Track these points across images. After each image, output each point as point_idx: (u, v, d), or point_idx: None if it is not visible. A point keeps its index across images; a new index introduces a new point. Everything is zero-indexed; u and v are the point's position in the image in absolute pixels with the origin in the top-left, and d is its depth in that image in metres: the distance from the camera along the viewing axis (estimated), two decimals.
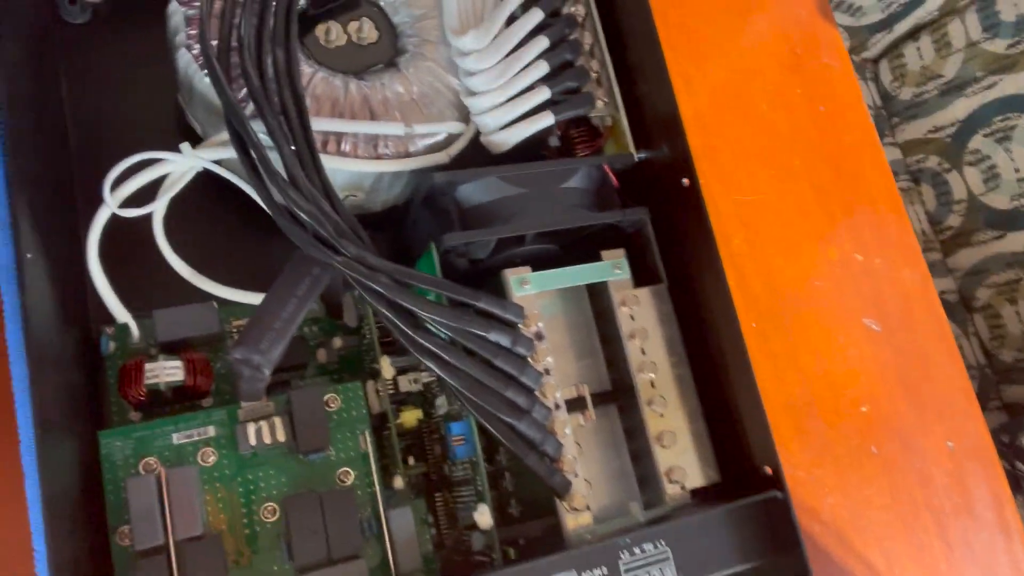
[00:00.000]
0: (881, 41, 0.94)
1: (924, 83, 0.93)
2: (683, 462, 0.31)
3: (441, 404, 0.32)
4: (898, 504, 0.45)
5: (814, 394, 0.45)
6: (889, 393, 0.47)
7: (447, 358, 0.28)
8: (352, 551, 0.28)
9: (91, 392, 0.31)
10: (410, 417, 0.32)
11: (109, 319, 0.31)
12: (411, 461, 0.33)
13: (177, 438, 0.29)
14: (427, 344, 0.28)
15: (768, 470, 0.30)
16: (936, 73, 0.91)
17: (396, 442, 0.32)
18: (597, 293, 0.34)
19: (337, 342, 0.34)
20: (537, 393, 0.30)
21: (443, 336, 0.29)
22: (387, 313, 0.28)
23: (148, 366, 0.29)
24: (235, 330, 0.33)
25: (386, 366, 0.32)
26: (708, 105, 0.48)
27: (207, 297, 0.31)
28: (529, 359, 0.30)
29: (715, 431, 0.32)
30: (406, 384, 0.32)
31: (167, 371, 0.29)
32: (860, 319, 0.48)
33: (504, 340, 0.29)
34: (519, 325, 0.30)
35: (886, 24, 0.93)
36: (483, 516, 0.28)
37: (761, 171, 0.49)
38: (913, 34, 0.92)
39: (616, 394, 0.34)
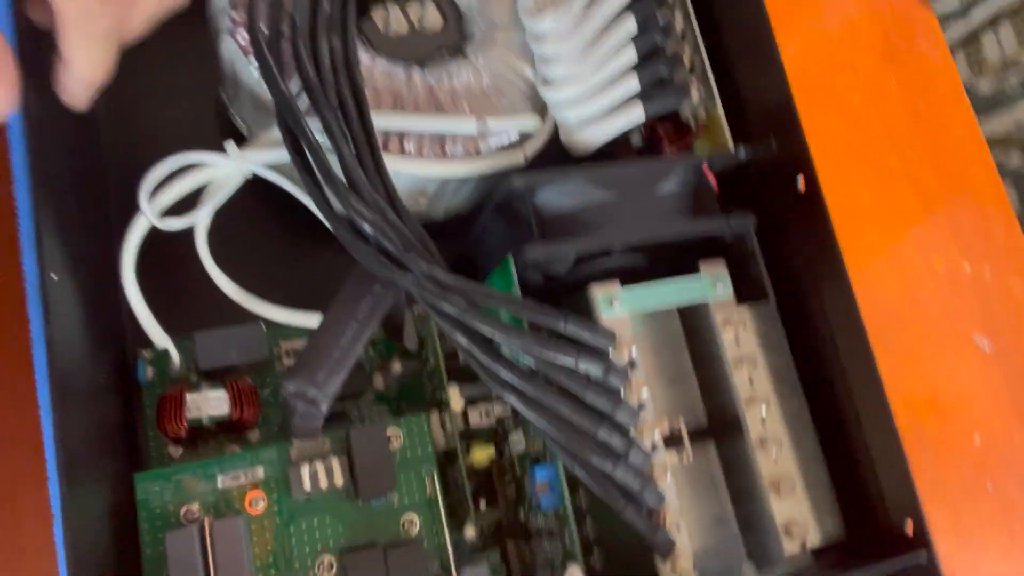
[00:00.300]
0: (957, 30, 0.88)
1: (1005, 75, 0.86)
2: (802, 514, 0.27)
3: (517, 441, 0.28)
4: (1018, 550, 0.40)
5: (922, 423, 0.40)
6: (1004, 421, 0.42)
7: (531, 393, 0.24)
8: None
9: (126, 424, 0.28)
10: (481, 455, 0.28)
11: (146, 341, 0.28)
12: (481, 505, 0.29)
13: (222, 481, 0.25)
14: (508, 377, 0.24)
15: (910, 527, 0.25)
16: (1018, 63, 0.85)
17: (467, 484, 0.28)
18: (691, 309, 0.30)
19: (396, 367, 0.30)
20: (632, 433, 0.25)
21: (522, 364, 0.25)
22: (461, 340, 0.24)
23: (190, 397, 0.26)
24: (284, 353, 0.30)
25: (455, 397, 0.28)
26: (796, 99, 0.43)
27: (254, 318, 0.28)
28: (622, 393, 0.26)
29: (834, 477, 0.28)
30: (476, 418, 0.28)
31: (211, 403, 0.26)
32: (969, 337, 0.43)
33: (595, 371, 0.25)
34: (610, 353, 0.26)
35: (963, 12, 0.87)
36: None
37: (855, 172, 0.44)
38: (992, 22, 0.86)
39: (714, 429, 0.29)
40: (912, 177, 0.45)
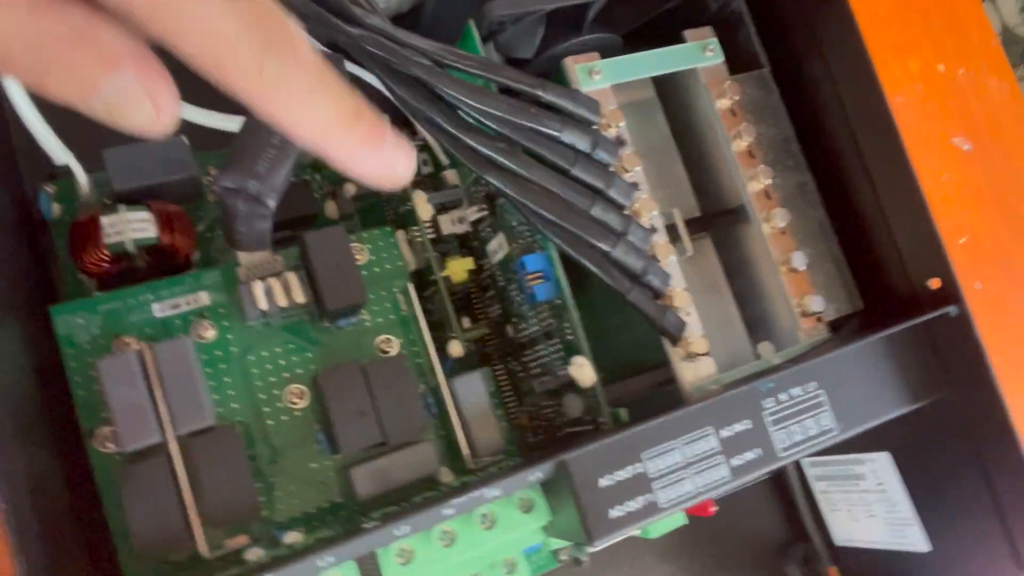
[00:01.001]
0: None
1: None
2: (816, 288, 0.24)
3: (496, 249, 0.25)
4: (1007, 345, 0.39)
5: None
6: (987, 220, 0.41)
7: (516, 168, 0.21)
8: (414, 432, 0.21)
9: (37, 273, 0.23)
10: (458, 268, 0.25)
11: (45, 173, 0.23)
12: (465, 324, 0.26)
13: (160, 309, 0.21)
14: (488, 151, 0.21)
15: (934, 283, 0.23)
16: None
17: (447, 299, 0.24)
18: (677, 95, 0.27)
19: (350, 189, 0.27)
20: (629, 212, 0.22)
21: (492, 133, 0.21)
22: (427, 112, 0.20)
23: (106, 220, 0.22)
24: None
25: (421, 203, 0.24)
26: None
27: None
28: (614, 168, 0.22)
29: (845, 248, 0.25)
30: (448, 225, 0.25)
31: (132, 225, 0.22)
32: (948, 139, 0.41)
33: (582, 143, 0.22)
34: (596, 125, 0.22)
35: None
36: (583, 370, 0.21)
37: None
38: None
39: (711, 220, 0.27)
40: None
